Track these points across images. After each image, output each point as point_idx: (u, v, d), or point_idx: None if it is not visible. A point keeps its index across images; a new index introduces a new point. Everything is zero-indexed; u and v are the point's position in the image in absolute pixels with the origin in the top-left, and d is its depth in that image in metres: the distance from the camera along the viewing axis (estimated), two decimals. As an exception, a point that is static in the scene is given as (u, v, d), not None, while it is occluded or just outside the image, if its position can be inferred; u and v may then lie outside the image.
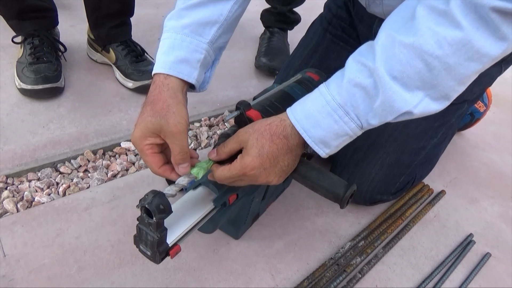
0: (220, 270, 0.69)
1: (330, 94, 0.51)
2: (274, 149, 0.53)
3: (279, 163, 0.54)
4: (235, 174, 0.54)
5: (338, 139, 0.53)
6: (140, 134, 0.56)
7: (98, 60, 1.16)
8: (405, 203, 0.88)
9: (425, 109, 0.49)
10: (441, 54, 0.45)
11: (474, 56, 0.45)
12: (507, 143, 1.20)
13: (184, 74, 0.60)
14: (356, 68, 0.50)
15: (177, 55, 0.60)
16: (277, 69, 1.27)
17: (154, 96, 0.57)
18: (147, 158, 0.57)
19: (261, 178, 0.54)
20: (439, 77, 0.47)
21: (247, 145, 0.53)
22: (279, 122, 0.54)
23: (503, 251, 0.83)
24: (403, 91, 0.47)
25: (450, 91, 0.49)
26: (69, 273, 0.64)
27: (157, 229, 0.49)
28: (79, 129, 0.93)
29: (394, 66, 0.47)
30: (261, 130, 0.54)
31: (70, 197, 0.77)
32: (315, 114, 0.52)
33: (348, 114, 0.51)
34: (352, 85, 0.49)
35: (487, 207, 0.94)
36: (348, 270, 0.71)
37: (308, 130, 0.52)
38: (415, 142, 0.81)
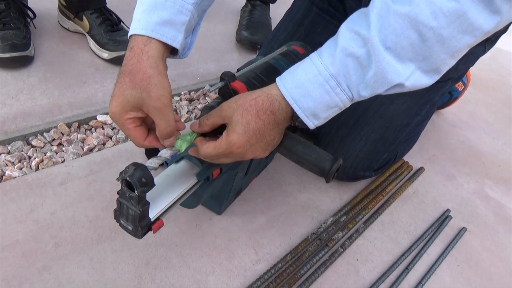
0: (203, 245, 0.67)
1: (323, 63, 0.49)
2: (260, 125, 0.51)
3: (265, 138, 0.53)
4: (221, 153, 0.52)
5: (328, 111, 0.52)
6: (120, 109, 0.51)
7: (70, 29, 1.09)
8: (386, 179, 0.89)
9: (416, 82, 0.49)
10: (436, 25, 0.44)
11: (467, 29, 0.45)
12: (483, 122, 1.23)
13: (168, 38, 0.54)
14: (350, 36, 0.48)
15: (160, 16, 0.53)
16: (259, 43, 1.24)
17: (132, 65, 0.51)
18: (129, 133, 0.53)
19: (247, 155, 0.53)
20: (432, 49, 0.46)
21: (232, 122, 0.51)
22: (266, 97, 0.52)
23: (478, 225, 0.85)
24: (396, 62, 0.47)
25: (441, 64, 0.48)
26: (45, 249, 0.61)
27: (139, 203, 0.47)
28: (52, 101, 0.88)
29: (388, 36, 0.46)
30: (246, 105, 0.51)
31: (43, 171, 0.73)
32: (307, 84, 0.50)
33: (340, 85, 0.49)
34: (346, 54, 0.48)
35: (463, 184, 0.96)
36: (330, 244, 0.72)
37: (299, 100, 0.50)
38: (400, 119, 0.81)
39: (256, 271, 0.66)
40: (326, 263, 0.68)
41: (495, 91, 1.44)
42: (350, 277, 0.69)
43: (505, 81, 1.54)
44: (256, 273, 0.66)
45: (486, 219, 0.88)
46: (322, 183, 0.86)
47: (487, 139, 1.16)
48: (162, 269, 0.63)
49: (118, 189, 0.48)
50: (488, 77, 1.53)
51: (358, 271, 0.70)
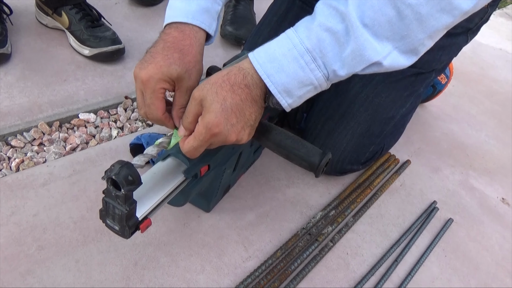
0: (192, 243, 0.66)
1: (298, 37, 0.48)
2: (237, 100, 0.49)
3: (245, 116, 0.50)
4: (202, 139, 0.49)
5: (302, 88, 0.49)
6: (160, 76, 0.52)
7: (49, 25, 1.06)
8: (373, 172, 0.89)
9: (394, 62, 0.48)
10: (414, 2, 0.44)
11: (446, 8, 0.44)
12: (466, 115, 1.25)
13: (206, 25, 0.58)
14: (328, 12, 0.47)
15: (199, 4, 0.57)
16: (244, 38, 1.23)
17: (184, 45, 0.55)
18: (156, 101, 0.54)
19: (231, 136, 0.50)
20: (409, 27, 0.45)
21: (206, 102, 0.48)
22: (238, 71, 0.49)
23: (464, 216, 0.87)
24: (373, 40, 0.46)
25: (418, 45, 0.48)
26: (28, 252, 0.59)
27: (126, 202, 0.46)
28: (31, 99, 0.85)
29: (366, 12, 0.45)
30: (219, 82, 0.49)
31: (24, 172, 0.70)
32: (280, 58, 0.48)
33: (315, 60, 0.47)
34: (323, 29, 0.46)
35: (448, 176, 0.97)
36: (320, 239, 0.72)
37: (272, 75, 0.48)
38: (385, 112, 0.81)
39: (246, 268, 0.65)
40: (316, 258, 0.68)
41: (477, 84, 1.47)
42: (341, 271, 0.69)
43: (486, 74, 1.57)
44: (247, 270, 0.65)
45: (472, 209, 0.89)
46: (310, 178, 0.85)
47: (470, 131, 1.17)
48: (151, 269, 0.61)
49: (104, 188, 0.46)
50: (470, 70, 1.55)
51: (348, 264, 0.70)
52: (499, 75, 1.58)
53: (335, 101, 0.82)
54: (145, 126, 0.89)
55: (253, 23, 1.30)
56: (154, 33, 1.18)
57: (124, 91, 0.95)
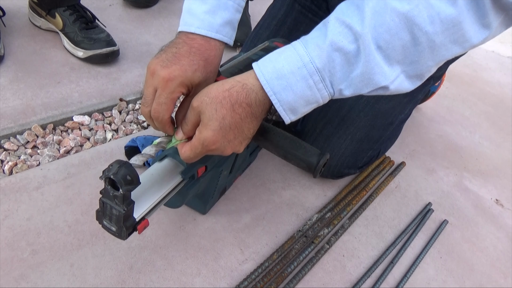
0: (188, 246, 0.66)
1: (309, 55, 0.45)
2: (237, 119, 0.48)
3: (243, 132, 0.50)
4: (198, 152, 0.50)
5: (307, 106, 0.48)
6: (183, 80, 0.52)
7: (43, 27, 1.05)
8: (369, 174, 0.90)
9: (399, 86, 0.47)
10: (431, 30, 0.43)
11: (459, 40, 0.44)
12: (460, 117, 1.26)
13: (228, 37, 0.58)
14: (341, 30, 0.45)
15: (223, 17, 0.56)
16: (239, 40, 1.22)
17: (209, 55, 0.55)
18: (169, 102, 0.52)
19: (227, 151, 0.51)
20: (421, 54, 0.45)
21: (205, 117, 0.48)
22: (241, 88, 0.48)
23: (459, 218, 0.87)
24: (384, 63, 0.45)
25: (425, 71, 0.47)
26: (22, 257, 0.58)
27: (124, 202, 0.45)
28: (25, 102, 0.84)
29: (382, 35, 0.43)
30: (220, 98, 0.47)
31: (18, 175, 0.70)
32: (288, 76, 0.46)
33: (324, 80, 0.46)
34: (334, 49, 0.45)
35: (443, 177, 0.98)
36: (316, 241, 0.71)
37: (278, 92, 0.46)
38: (385, 118, 0.82)
39: (243, 271, 0.65)
40: (312, 260, 0.68)
41: (470, 86, 1.48)
42: (337, 273, 0.69)
43: (479, 76, 1.58)
44: (243, 273, 0.65)
45: (466, 211, 0.90)
46: (306, 180, 0.85)
47: (464, 133, 1.18)
48: (147, 272, 0.61)
49: (98, 191, 0.46)
50: (463, 72, 1.56)
51: (345, 267, 0.70)
52: (491, 77, 1.60)
53: (334, 105, 0.81)
54: (140, 128, 0.89)
55: (248, 25, 1.30)
56: (148, 35, 1.17)
57: (119, 93, 0.94)
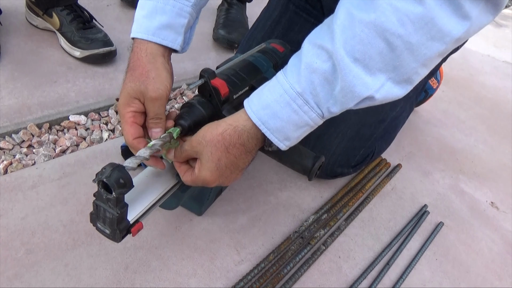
0: (183, 247, 0.66)
1: (288, 82, 0.47)
2: (232, 159, 0.51)
3: (239, 167, 0.53)
4: (199, 184, 0.53)
5: (298, 130, 0.50)
6: (123, 101, 0.54)
7: (39, 26, 1.05)
8: (365, 176, 0.90)
9: (388, 94, 0.47)
10: (403, 32, 0.42)
11: (436, 35, 0.43)
12: (455, 120, 1.27)
13: (168, 41, 0.58)
14: (313, 52, 0.46)
15: (160, 20, 0.57)
16: (236, 42, 1.23)
17: (133, 62, 0.56)
18: (125, 126, 0.54)
19: (226, 183, 0.54)
20: (401, 57, 0.44)
21: (202, 158, 0.51)
22: (233, 131, 0.50)
23: (454, 220, 0.87)
24: (364, 74, 0.44)
25: (412, 74, 0.46)
26: (16, 256, 0.58)
27: (117, 205, 0.45)
28: (21, 101, 0.84)
29: (355, 47, 0.43)
30: (214, 142, 0.50)
31: (13, 174, 0.69)
32: (273, 104, 0.48)
33: (308, 103, 0.47)
34: (310, 71, 0.46)
35: (439, 180, 0.98)
36: (312, 242, 0.71)
37: (266, 122, 0.48)
38: (375, 115, 0.82)
39: (239, 272, 0.65)
40: (309, 261, 0.68)
41: (466, 90, 1.49)
42: (333, 274, 0.69)
43: (474, 80, 1.59)
44: (239, 273, 0.64)
45: (462, 213, 0.90)
46: (303, 181, 0.85)
47: (460, 136, 1.19)
48: (142, 273, 0.61)
49: (94, 191, 0.45)
50: (459, 76, 1.57)
51: (341, 268, 0.70)
52: (487, 81, 1.61)
53: None
54: (137, 128, 0.89)
55: (246, 27, 1.30)
56: (146, 35, 1.17)
57: (116, 93, 0.94)
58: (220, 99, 0.58)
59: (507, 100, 1.51)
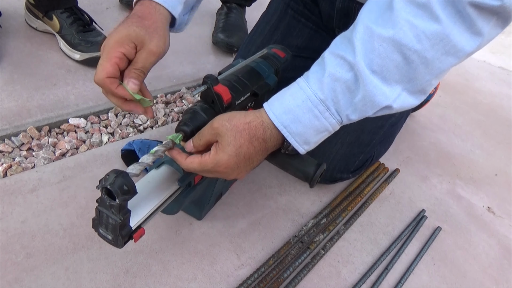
0: (184, 251, 0.66)
1: (311, 88, 0.50)
2: (251, 151, 0.51)
3: (252, 163, 0.53)
4: (206, 169, 0.51)
5: (318, 135, 0.52)
6: (118, 38, 0.52)
7: (39, 28, 1.04)
8: (363, 181, 0.90)
9: (404, 103, 0.50)
10: (420, 48, 0.45)
11: (450, 51, 0.46)
12: (452, 125, 1.28)
13: (168, 4, 0.58)
14: (336, 62, 0.49)
15: None
16: (235, 46, 1.23)
17: (143, 13, 0.55)
18: (105, 63, 0.52)
19: (231, 176, 0.53)
20: (417, 71, 0.47)
21: (223, 141, 0.50)
22: (260, 124, 0.51)
23: (452, 225, 0.88)
24: (382, 84, 0.47)
25: (426, 85, 0.49)
26: (16, 260, 0.58)
27: (120, 212, 0.45)
28: (20, 103, 0.83)
29: (373, 60, 0.46)
30: (240, 128, 0.50)
31: (12, 177, 0.69)
32: (295, 109, 0.50)
33: (329, 109, 0.50)
34: (333, 79, 0.48)
35: (436, 184, 0.99)
36: (311, 247, 0.72)
37: (288, 126, 0.50)
38: (374, 121, 0.83)
39: (239, 276, 0.65)
40: (308, 266, 0.68)
41: (462, 95, 1.50)
42: (332, 279, 0.69)
43: (470, 85, 1.61)
44: (239, 278, 0.65)
45: (459, 218, 0.91)
46: (302, 185, 0.86)
47: (456, 141, 1.20)
48: (142, 277, 0.61)
49: (94, 194, 0.46)
50: (455, 81, 1.59)
51: (340, 272, 0.71)
52: (483, 86, 1.63)
53: None
54: (136, 132, 0.89)
55: (245, 31, 1.31)
56: (145, 38, 1.17)
57: (115, 97, 0.94)
58: (222, 105, 0.58)
59: (503, 105, 1.52)
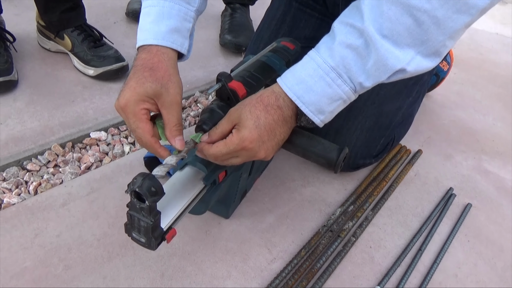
0: (215, 250, 0.66)
1: (321, 57, 0.50)
2: (270, 120, 0.51)
3: (276, 136, 0.53)
4: (233, 149, 0.51)
5: (332, 104, 0.51)
6: (137, 98, 0.52)
7: (52, 49, 1.07)
8: (386, 165, 0.89)
9: (418, 67, 0.49)
10: (429, 7, 0.44)
11: (462, 8, 0.45)
12: (471, 100, 1.25)
13: (177, 45, 0.58)
14: (346, 30, 0.49)
15: (168, 25, 0.58)
16: (243, 45, 1.24)
17: (153, 63, 0.55)
18: (140, 124, 0.52)
19: (260, 153, 0.52)
20: (428, 32, 0.46)
21: (241, 119, 0.51)
22: (270, 93, 0.52)
23: (482, 200, 0.86)
24: (394, 49, 0.47)
25: (440, 47, 0.48)
26: (55, 273, 0.59)
27: (150, 213, 0.46)
28: (42, 123, 0.86)
29: (383, 24, 0.46)
30: (253, 102, 0.52)
31: (43, 194, 0.71)
32: (307, 79, 0.50)
33: (341, 76, 0.49)
34: (344, 46, 0.48)
35: (461, 161, 0.97)
36: (342, 235, 0.71)
37: (301, 96, 0.50)
38: (392, 103, 0.82)
39: (272, 270, 0.65)
40: (340, 254, 0.68)
41: (478, 70, 1.47)
42: (366, 265, 0.69)
43: (485, 59, 1.57)
44: (273, 272, 0.65)
45: (489, 193, 0.89)
46: (325, 175, 0.86)
47: (477, 116, 1.17)
48: (178, 279, 0.61)
49: (122, 203, 0.47)
50: (469, 56, 1.56)
51: (373, 258, 0.70)
52: (499, 59, 1.59)
53: None
54: (156, 139, 0.90)
55: (251, 29, 1.31)
56: (154, 48, 1.19)
57: (132, 107, 0.95)
58: (238, 100, 0.59)
59: (521, 75, 1.49)
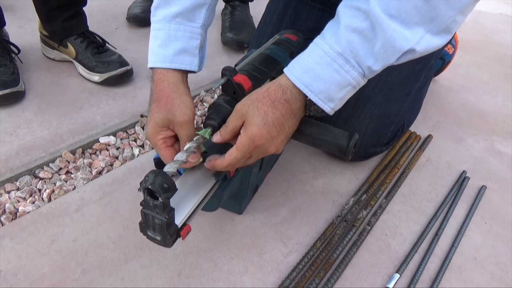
0: (231, 246, 0.66)
1: (327, 43, 0.49)
2: (278, 115, 0.51)
3: (285, 130, 0.52)
4: (245, 151, 0.51)
5: (341, 91, 0.50)
6: (152, 131, 0.57)
7: (56, 58, 1.08)
8: (397, 152, 0.89)
9: (428, 45, 0.48)
10: None
11: None
12: (478, 82, 1.24)
13: (186, 65, 0.60)
14: (350, 13, 0.47)
15: (175, 47, 0.59)
16: (245, 42, 1.24)
17: (157, 93, 0.58)
18: (161, 152, 0.58)
19: (271, 148, 0.52)
20: (437, 8, 0.45)
21: (248, 116, 0.51)
22: (277, 87, 0.51)
23: (496, 181, 0.85)
24: (402, 28, 0.45)
25: (450, 23, 0.47)
26: (74, 277, 0.60)
27: (164, 210, 0.46)
28: (51, 131, 0.87)
29: (389, 3, 0.45)
30: (260, 98, 0.51)
31: (57, 201, 0.71)
32: (314, 67, 0.49)
33: (349, 61, 0.48)
34: (349, 31, 0.47)
35: (473, 144, 0.96)
36: (356, 224, 0.71)
37: (309, 84, 0.50)
38: (400, 89, 0.81)
39: (289, 263, 0.65)
40: (356, 243, 0.68)
41: (483, 51, 1.45)
42: (383, 252, 0.68)
43: (490, 40, 1.55)
44: (290, 264, 0.65)
45: (503, 174, 0.88)
46: (336, 166, 0.85)
47: (486, 98, 1.16)
48: (195, 277, 0.62)
49: (136, 205, 0.47)
50: (474, 38, 1.54)
51: (390, 245, 0.69)
52: (504, 39, 1.57)
53: None
54: (165, 140, 0.90)
55: (252, 26, 1.31)
56: (157, 50, 1.19)
57: (139, 110, 0.96)
58: (244, 94, 0.58)
59: (529, 54, 1.46)
